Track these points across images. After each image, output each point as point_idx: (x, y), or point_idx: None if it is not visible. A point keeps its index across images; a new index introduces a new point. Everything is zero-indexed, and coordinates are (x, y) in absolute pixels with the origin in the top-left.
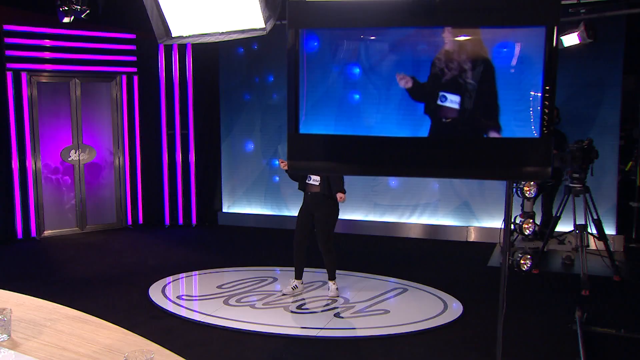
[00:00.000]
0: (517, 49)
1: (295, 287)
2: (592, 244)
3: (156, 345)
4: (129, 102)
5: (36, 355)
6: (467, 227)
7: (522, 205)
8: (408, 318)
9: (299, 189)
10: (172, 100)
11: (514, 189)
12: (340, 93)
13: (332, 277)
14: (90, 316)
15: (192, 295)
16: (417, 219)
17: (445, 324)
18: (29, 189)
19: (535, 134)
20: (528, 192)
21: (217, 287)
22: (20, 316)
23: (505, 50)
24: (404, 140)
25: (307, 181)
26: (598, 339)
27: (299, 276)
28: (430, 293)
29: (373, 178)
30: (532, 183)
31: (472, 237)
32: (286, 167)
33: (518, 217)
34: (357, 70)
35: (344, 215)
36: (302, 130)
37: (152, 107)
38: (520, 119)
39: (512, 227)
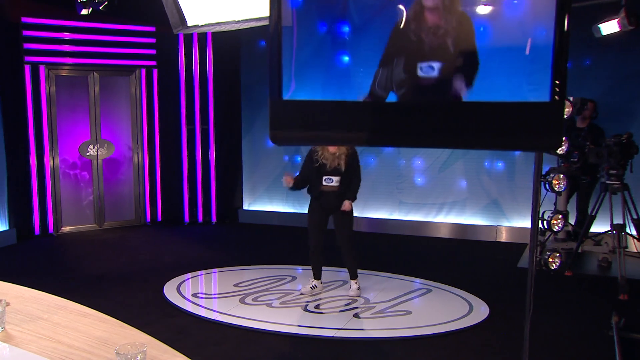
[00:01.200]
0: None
1: (315, 286)
2: (632, 245)
3: (153, 339)
4: (148, 96)
5: (28, 348)
6: (496, 226)
7: (555, 204)
8: (431, 319)
9: (308, 192)
10: (192, 95)
11: (542, 183)
12: (328, 54)
13: (354, 276)
14: (90, 309)
15: (207, 293)
16: (443, 218)
17: (470, 326)
18: (46, 184)
19: (546, 98)
20: (557, 186)
21: (234, 285)
22: (18, 308)
23: (515, 2)
24: (400, 105)
25: (324, 183)
26: (636, 346)
27: (317, 276)
28: (456, 294)
29: (398, 175)
30: (561, 176)
31: (502, 238)
32: (291, 184)
33: (547, 212)
34: (346, 29)
35: (367, 213)
36: (286, 96)
37: (171, 102)
38: (531, 82)
39: (541, 224)
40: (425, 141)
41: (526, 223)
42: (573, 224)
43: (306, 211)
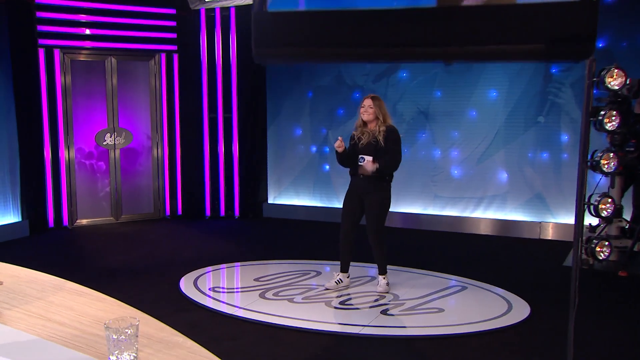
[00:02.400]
0: None
1: (340, 281)
2: None
3: (151, 317)
4: (169, 82)
5: (16, 326)
6: (540, 222)
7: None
8: (465, 318)
9: (350, 174)
10: (215, 81)
11: (589, 163)
12: None
13: (382, 272)
14: (87, 289)
15: (225, 287)
16: (482, 213)
17: (508, 326)
18: (61, 174)
19: None
20: (606, 166)
21: (254, 279)
22: (12, 287)
23: None
24: (401, 12)
25: (359, 163)
26: None
27: (344, 269)
28: (493, 292)
29: (433, 167)
30: (611, 155)
31: (547, 235)
32: (341, 149)
33: (595, 195)
34: None
35: (400, 208)
36: (272, 6)
37: (193, 88)
38: None
39: (588, 211)
40: (438, 54)
41: (573, 219)
42: (629, 220)
43: (334, 205)
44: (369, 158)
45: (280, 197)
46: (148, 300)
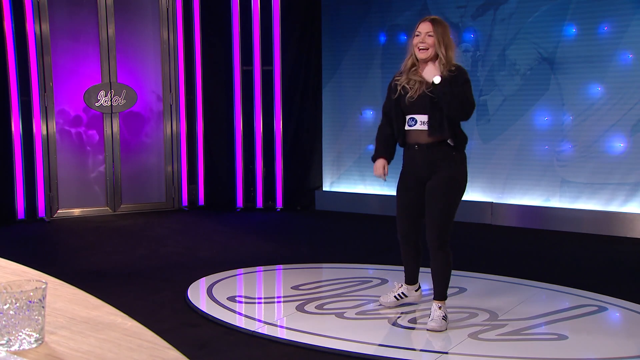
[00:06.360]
0: None
1: (402, 295)
2: None
3: (88, 295)
4: (186, 20)
5: None
6: None
7: None
8: (600, 350)
9: (400, 145)
10: (250, 21)
11: None
12: None
13: (439, 296)
14: (6, 261)
15: (251, 297)
16: (638, 207)
17: None
18: (35, 147)
19: None
20: None
21: (292, 287)
22: None
23: None
24: None
25: (406, 127)
26: None
27: (410, 280)
28: None
29: (560, 138)
30: None
31: None
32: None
33: None
34: None
35: (511, 198)
36: None
37: (219, 30)
38: None
39: None
40: None
41: None
42: None
43: None
44: (421, 118)
45: (339, 182)
46: (144, 311)
